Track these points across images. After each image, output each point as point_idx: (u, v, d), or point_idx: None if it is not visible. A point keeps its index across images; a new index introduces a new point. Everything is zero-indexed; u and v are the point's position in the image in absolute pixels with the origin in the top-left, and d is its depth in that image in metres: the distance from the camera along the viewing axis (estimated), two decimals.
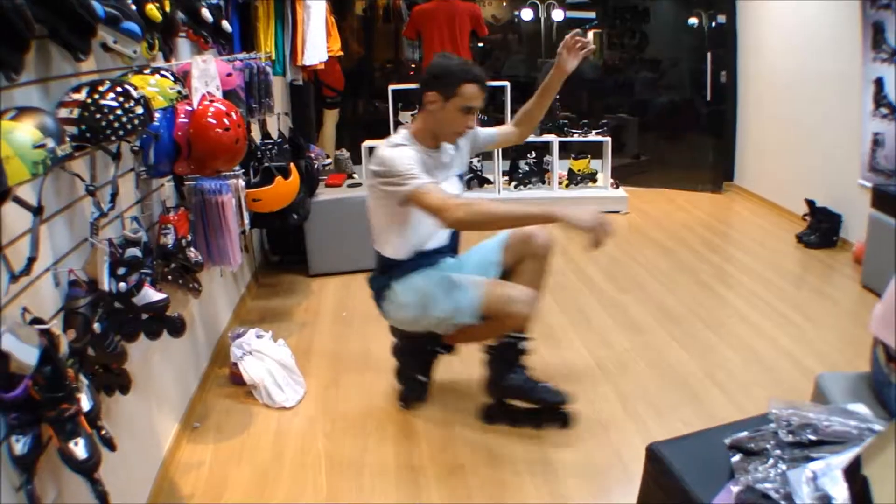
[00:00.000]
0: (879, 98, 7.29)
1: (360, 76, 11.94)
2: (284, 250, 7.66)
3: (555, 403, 4.63)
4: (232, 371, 5.08)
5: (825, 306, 6.49)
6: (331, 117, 10.05)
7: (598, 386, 5.11)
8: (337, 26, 8.28)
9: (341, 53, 8.49)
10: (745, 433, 2.48)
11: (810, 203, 8.26)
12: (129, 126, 2.77)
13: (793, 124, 9.06)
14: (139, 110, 2.82)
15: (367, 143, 9.47)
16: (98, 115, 2.68)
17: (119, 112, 2.73)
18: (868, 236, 6.83)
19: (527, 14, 12.81)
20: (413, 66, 12.23)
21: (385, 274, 4.58)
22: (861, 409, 2.58)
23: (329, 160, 8.38)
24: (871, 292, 6.60)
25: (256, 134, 6.15)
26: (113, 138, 2.76)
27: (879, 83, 7.27)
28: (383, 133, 9.25)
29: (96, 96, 2.70)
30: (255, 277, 7.06)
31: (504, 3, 13.21)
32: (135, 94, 2.84)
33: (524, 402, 4.68)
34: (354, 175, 8.23)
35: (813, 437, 2.35)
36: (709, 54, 11.10)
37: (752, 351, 5.58)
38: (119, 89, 2.79)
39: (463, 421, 4.72)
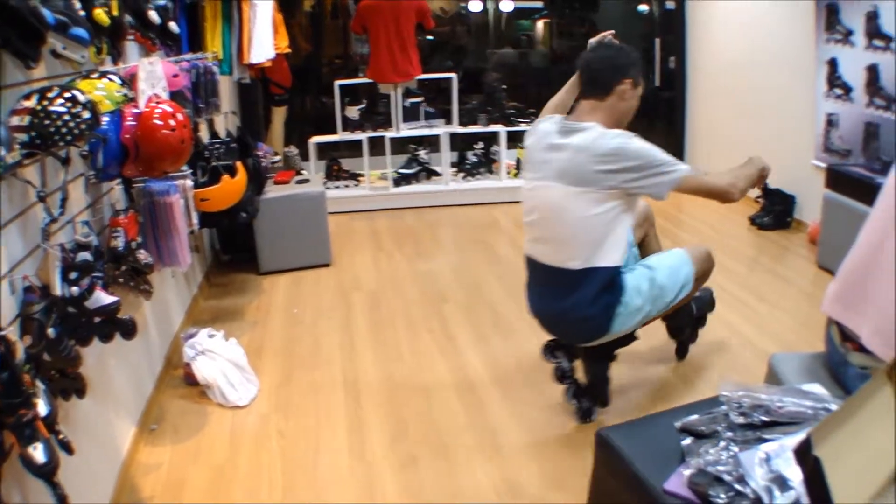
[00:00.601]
0: (833, 79, 7.40)
1: (309, 72, 11.90)
2: (235, 249, 7.65)
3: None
4: (186, 371, 5.07)
5: (780, 288, 6.58)
6: (279, 115, 10.02)
7: (549, 372, 5.13)
8: (285, 23, 8.28)
9: (289, 50, 8.49)
10: (695, 416, 2.50)
11: (763, 185, 8.33)
12: (76, 131, 2.79)
13: (744, 107, 9.12)
14: (86, 115, 2.84)
15: (314, 140, 9.51)
16: (47, 122, 2.69)
17: (67, 118, 2.74)
18: (823, 216, 6.93)
19: (475, 5, 12.81)
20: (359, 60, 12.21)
21: (607, 290, 4.11)
22: (817, 388, 2.60)
23: (278, 157, 8.38)
24: (827, 272, 6.68)
25: (205, 133, 6.15)
26: (61, 144, 2.77)
27: (833, 64, 7.37)
28: (331, 129, 9.29)
29: (45, 103, 2.72)
30: (206, 277, 7.04)
31: None
32: (82, 99, 2.86)
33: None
34: (303, 171, 8.25)
35: (765, 419, 2.35)
36: (657, 40, 11.16)
37: (707, 335, 5.56)
38: (67, 95, 2.80)
39: (414, 413, 4.76)
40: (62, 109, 2.74)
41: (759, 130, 8.82)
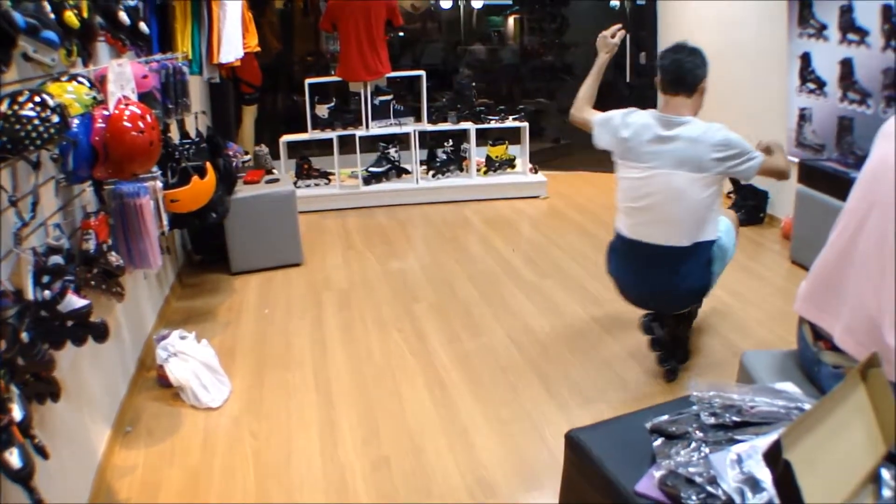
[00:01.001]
0: (806, 73, 7.45)
1: (279, 71, 11.90)
2: (206, 249, 7.62)
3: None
4: (159, 373, 5.07)
5: (753, 284, 6.63)
6: (249, 113, 10.00)
7: (521, 371, 5.20)
8: (255, 22, 8.26)
9: (258, 49, 8.46)
10: (665, 417, 2.49)
11: (734, 181, 8.37)
12: (46, 136, 2.78)
13: (716, 102, 9.10)
14: (55, 119, 2.83)
15: (285, 139, 9.49)
16: (17, 127, 2.69)
17: (37, 122, 2.74)
18: (795, 212, 7.01)
19: (446, 2, 12.80)
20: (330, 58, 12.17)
21: (709, 260, 4.77)
22: (789, 387, 2.61)
23: (248, 157, 8.36)
24: (800, 267, 6.80)
25: (175, 134, 6.13)
26: (31, 148, 2.76)
27: (806, 58, 7.42)
28: (302, 127, 9.29)
29: (16, 107, 2.71)
30: (178, 278, 7.02)
31: None
32: (51, 103, 2.85)
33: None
34: (274, 171, 8.22)
35: (737, 419, 2.35)
36: (627, 36, 11.20)
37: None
38: (37, 99, 2.80)
39: (385, 413, 4.78)
40: (32, 114, 2.74)
41: (731, 125, 8.79)
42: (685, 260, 4.68)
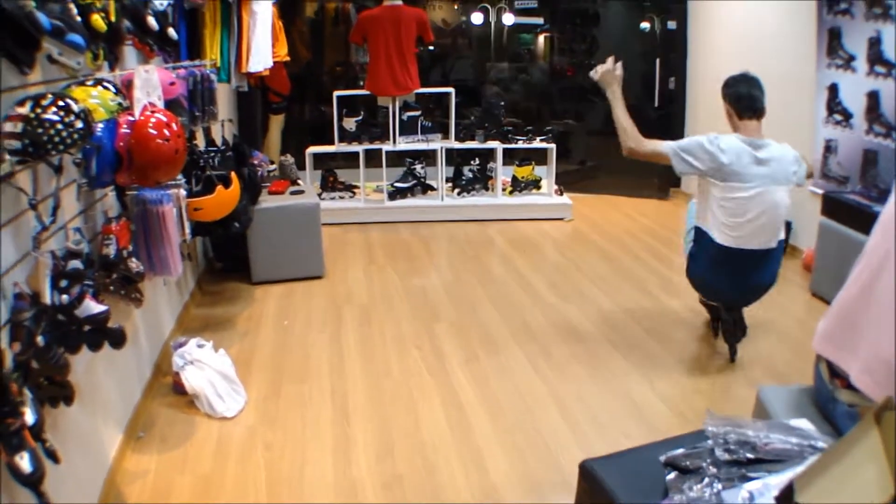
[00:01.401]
0: (833, 104, 7.40)
1: (308, 80, 11.90)
2: (228, 257, 7.61)
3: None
4: (175, 380, 5.06)
5: (773, 315, 6.56)
6: (276, 123, 10.01)
7: (538, 395, 5.15)
8: (285, 30, 8.26)
9: (288, 58, 8.46)
10: (681, 450, 2.47)
11: None
12: (69, 140, 2.77)
13: None
14: (79, 124, 2.81)
15: (311, 150, 9.49)
16: (40, 130, 2.67)
17: (60, 126, 2.72)
18: (817, 244, 6.95)
19: (477, 18, 12.78)
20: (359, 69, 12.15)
21: (781, 254, 5.60)
22: (804, 424, 2.58)
23: (273, 166, 8.35)
24: (820, 300, 6.74)
25: (201, 141, 6.14)
26: (54, 153, 2.75)
27: (833, 89, 7.38)
28: (329, 138, 9.30)
29: (39, 110, 2.70)
30: (198, 285, 7.03)
31: (455, 7, 13.17)
32: (75, 108, 2.83)
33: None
34: (299, 181, 8.22)
35: (751, 456, 2.33)
36: (657, 60, 11.15)
37: (696, 361, 5.66)
38: (61, 103, 2.78)
39: (401, 431, 4.74)
40: (55, 118, 2.72)
41: None
42: (775, 257, 5.48)
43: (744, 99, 5.43)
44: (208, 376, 4.93)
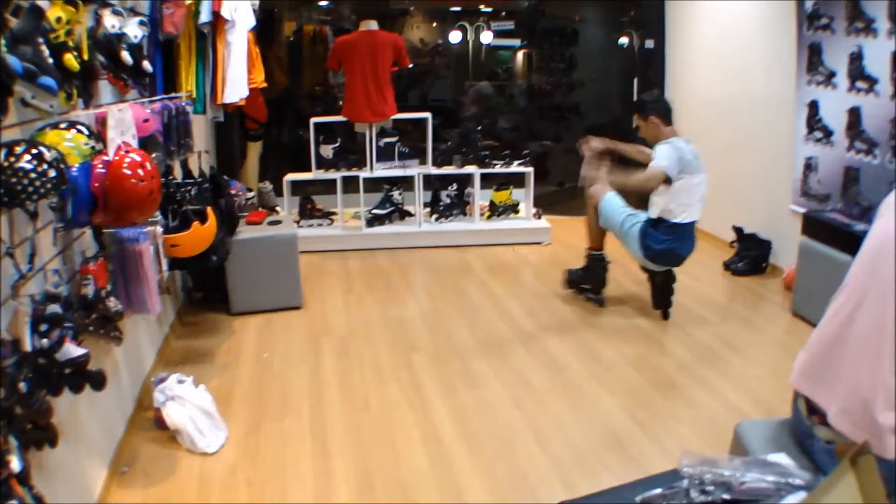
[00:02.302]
0: (813, 122, 7.43)
1: (286, 105, 11.88)
2: (207, 287, 7.60)
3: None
4: (156, 415, 5.05)
5: (753, 338, 6.60)
6: (254, 149, 10.02)
7: (517, 428, 5.16)
8: (262, 55, 8.25)
9: (265, 85, 8.45)
10: (657, 490, 2.46)
11: (738, 230, 8.36)
12: (42, 190, 2.77)
13: (722, 149, 9.11)
14: (52, 174, 2.82)
15: (289, 177, 9.49)
16: (13, 180, 2.67)
17: (33, 175, 2.73)
18: (798, 264, 6.97)
19: (455, 36, 12.79)
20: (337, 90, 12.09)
21: None
22: (782, 459, 2.58)
23: (252, 193, 8.34)
24: (801, 320, 6.74)
25: (178, 172, 6.13)
26: (28, 202, 2.75)
27: (814, 106, 7.41)
28: (307, 164, 9.32)
29: (12, 159, 2.70)
30: (178, 316, 7.02)
31: (433, 25, 13.20)
32: (48, 157, 2.83)
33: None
34: (277, 209, 8.22)
35: (726, 497, 2.33)
36: (636, 80, 11.20)
37: (677, 388, 5.65)
38: (34, 151, 2.78)
39: (381, 466, 4.73)
40: (29, 167, 2.72)
41: (736, 174, 8.84)
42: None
43: (668, 110, 6.84)
44: (189, 412, 4.91)
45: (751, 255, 8.28)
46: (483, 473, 4.62)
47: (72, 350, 3.20)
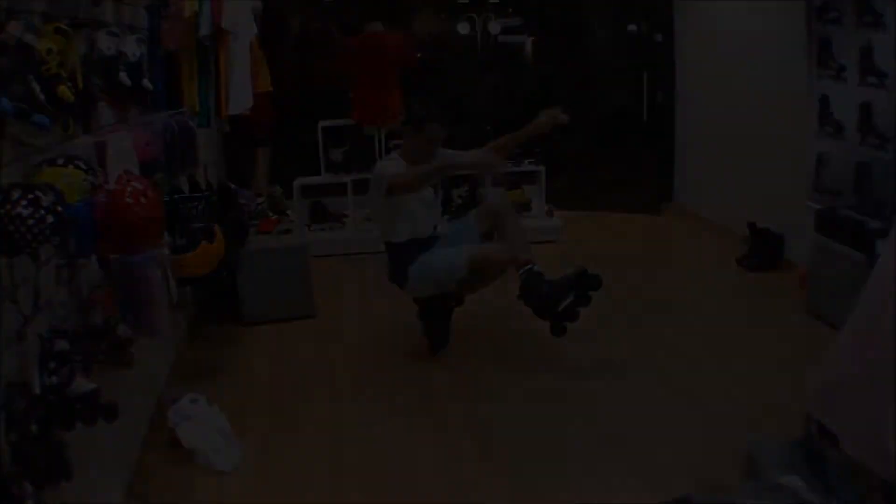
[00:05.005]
0: (825, 116, 7.30)
1: (294, 107, 11.82)
2: (218, 295, 7.58)
3: (579, 277, 5.98)
4: (172, 434, 5.05)
5: (768, 338, 6.50)
6: (263, 155, 10.01)
7: (525, 434, 5.15)
8: (268, 58, 8.20)
9: (271, 89, 8.41)
10: None
11: (751, 225, 8.29)
12: (40, 237, 2.76)
13: (734, 144, 9.07)
14: (49, 219, 2.80)
15: (299, 182, 9.49)
16: (11, 228, 2.67)
17: (31, 222, 2.71)
18: (811, 261, 6.91)
19: (463, 28, 12.70)
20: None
21: None
22: (794, 482, 2.58)
23: (261, 199, 8.34)
24: (816, 318, 6.60)
25: (185, 186, 6.13)
26: (27, 250, 2.75)
27: (825, 100, 7.28)
28: (317, 166, 9.29)
29: (8, 206, 2.69)
30: (190, 328, 7.04)
31: (441, 18, 13.10)
32: (45, 202, 2.81)
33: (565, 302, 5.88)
34: (288, 213, 8.22)
35: None
36: (644, 75, 11.13)
37: (689, 393, 5.57)
38: (30, 196, 2.76)
39: (396, 486, 4.69)
40: (26, 213, 2.71)
41: (748, 168, 8.78)
42: None
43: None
44: (203, 432, 4.93)
45: (764, 251, 8.21)
46: (506, 495, 4.55)
47: (82, 385, 3.20)
